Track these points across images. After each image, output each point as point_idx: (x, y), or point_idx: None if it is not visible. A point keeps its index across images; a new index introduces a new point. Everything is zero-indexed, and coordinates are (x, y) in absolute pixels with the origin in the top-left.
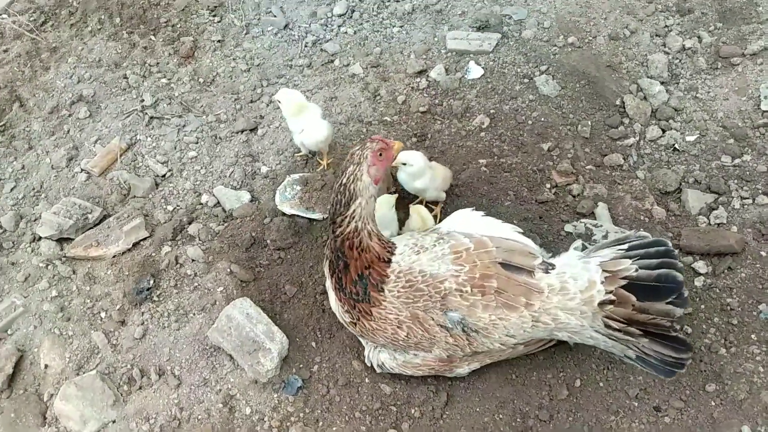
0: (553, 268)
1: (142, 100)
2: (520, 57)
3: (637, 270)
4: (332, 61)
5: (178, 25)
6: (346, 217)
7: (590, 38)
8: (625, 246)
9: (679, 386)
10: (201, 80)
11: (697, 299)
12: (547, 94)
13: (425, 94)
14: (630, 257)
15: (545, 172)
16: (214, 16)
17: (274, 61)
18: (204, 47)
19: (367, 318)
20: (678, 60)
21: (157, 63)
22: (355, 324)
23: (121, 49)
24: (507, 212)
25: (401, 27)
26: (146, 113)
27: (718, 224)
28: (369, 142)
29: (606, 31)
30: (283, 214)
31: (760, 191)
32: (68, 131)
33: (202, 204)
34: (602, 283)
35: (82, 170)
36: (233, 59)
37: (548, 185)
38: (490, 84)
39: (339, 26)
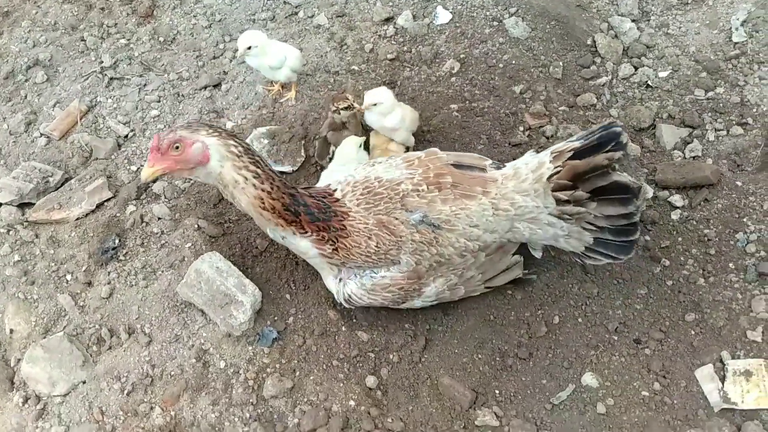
0: (504, 167)
1: (101, 62)
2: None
3: (582, 143)
4: (296, 13)
5: None
6: None
7: None
8: (575, 137)
9: (659, 318)
10: (161, 39)
11: (675, 232)
12: (518, 37)
13: (393, 42)
14: (577, 140)
15: (518, 115)
16: None
17: (236, 16)
18: (163, 5)
19: (343, 235)
20: None
21: (116, 24)
22: (337, 249)
23: (77, 11)
24: (480, 155)
25: None
26: (106, 74)
27: (694, 157)
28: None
29: None
30: None
31: (734, 122)
32: (25, 96)
33: None
34: (551, 161)
35: (41, 135)
36: (193, 16)
37: (521, 128)
38: (459, 28)
39: None
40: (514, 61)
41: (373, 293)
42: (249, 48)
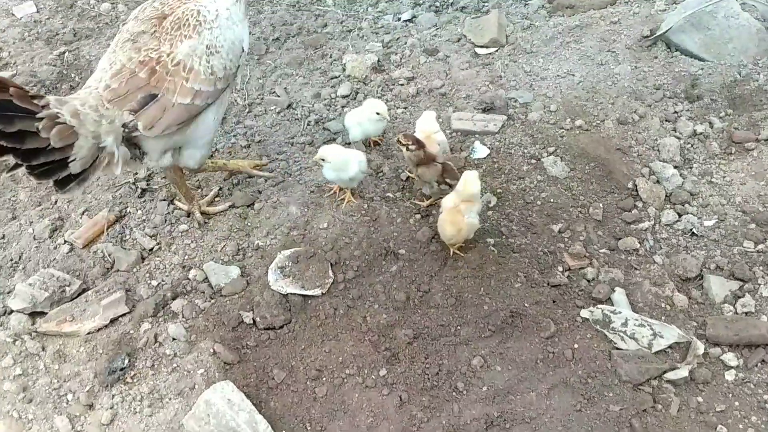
0: None
1: (135, 173)
2: (527, 138)
3: None
4: (334, 139)
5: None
6: None
7: (598, 122)
8: None
9: None
10: None
11: (730, 395)
12: (556, 176)
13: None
14: None
15: (557, 255)
16: None
17: (275, 138)
18: None
19: None
20: (690, 144)
21: None
22: None
23: None
24: (518, 294)
25: (405, 108)
26: (138, 186)
27: (746, 313)
28: None
29: (614, 115)
30: (276, 291)
31: None
32: (56, 202)
33: (189, 279)
34: None
35: (65, 242)
36: (233, 135)
37: (560, 268)
38: (497, 164)
39: (342, 106)
40: (552, 200)
41: None
42: (324, 159)
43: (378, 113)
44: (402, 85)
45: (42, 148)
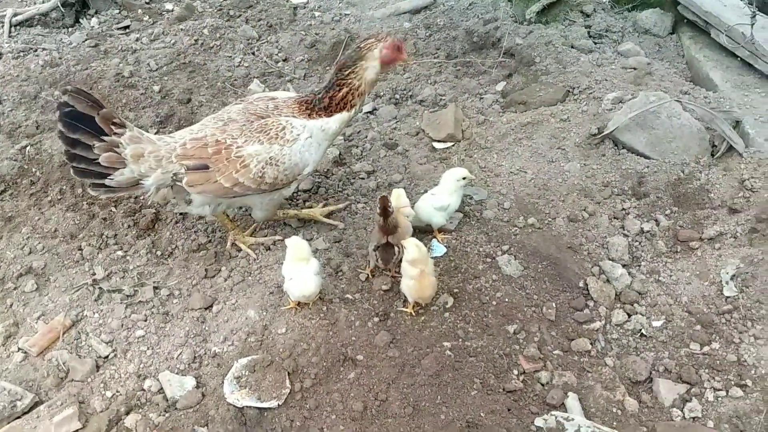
0: None
1: (94, 274)
2: (482, 236)
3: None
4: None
5: (141, 197)
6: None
7: (549, 219)
8: None
9: None
10: (158, 253)
11: None
12: (510, 275)
13: (387, 273)
14: None
15: (512, 357)
16: None
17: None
18: (165, 219)
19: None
20: (638, 243)
21: (115, 235)
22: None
23: (79, 220)
24: (474, 403)
25: (365, 203)
26: (96, 287)
27: (693, 418)
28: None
29: (564, 212)
30: (231, 404)
31: (733, 382)
32: (11, 305)
33: (144, 390)
34: None
35: (19, 349)
36: (194, 232)
37: (516, 371)
38: (453, 262)
39: (304, 201)
40: (507, 299)
41: None
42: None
43: (464, 177)
44: (363, 179)
45: (89, 158)
